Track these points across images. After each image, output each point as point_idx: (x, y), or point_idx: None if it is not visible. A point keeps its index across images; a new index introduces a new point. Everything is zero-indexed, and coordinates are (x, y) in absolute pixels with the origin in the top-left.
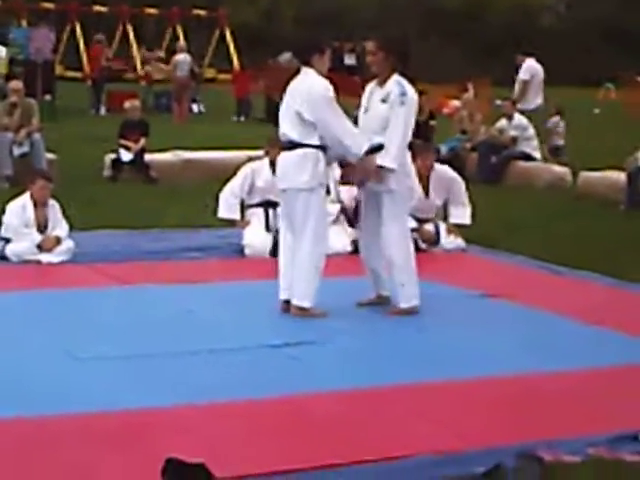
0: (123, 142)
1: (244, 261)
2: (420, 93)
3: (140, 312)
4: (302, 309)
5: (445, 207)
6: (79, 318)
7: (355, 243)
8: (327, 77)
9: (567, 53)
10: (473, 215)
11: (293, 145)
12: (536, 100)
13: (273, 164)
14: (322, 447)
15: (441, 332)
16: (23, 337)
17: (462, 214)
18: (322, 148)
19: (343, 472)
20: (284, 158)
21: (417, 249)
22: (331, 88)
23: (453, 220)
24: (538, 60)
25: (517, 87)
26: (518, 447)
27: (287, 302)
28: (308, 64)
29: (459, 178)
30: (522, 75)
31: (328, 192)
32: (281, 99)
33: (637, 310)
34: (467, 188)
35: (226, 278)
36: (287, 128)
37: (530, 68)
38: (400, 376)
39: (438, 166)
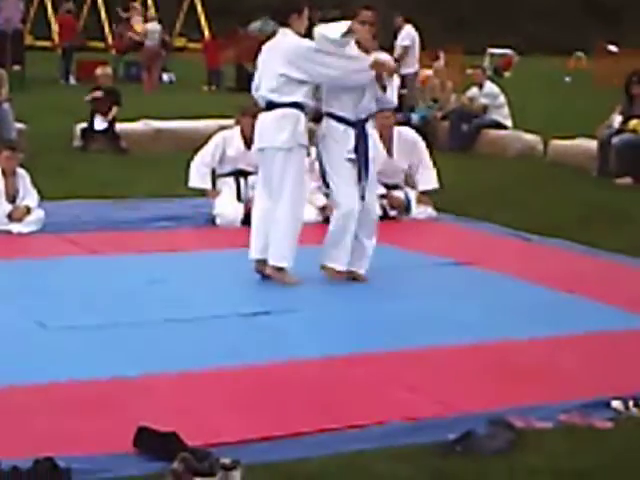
0: (93, 94)
1: (215, 231)
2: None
3: (110, 282)
4: (279, 269)
5: (410, 175)
6: (49, 288)
7: (324, 211)
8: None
9: (539, 22)
10: (444, 183)
11: (272, 105)
12: (415, 65)
13: (244, 133)
14: (294, 415)
15: (412, 300)
16: None
17: (429, 179)
18: (302, 108)
19: (315, 439)
20: (263, 118)
21: (386, 216)
22: (313, 43)
23: (422, 187)
24: (415, 26)
25: (398, 52)
26: (490, 414)
27: (260, 262)
28: (286, 25)
29: (421, 140)
30: (403, 41)
31: (308, 154)
32: (254, 66)
33: (608, 277)
34: (433, 154)
35: (197, 248)
36: (266, 90)
37: (410, 34)
38: (372, 344)
39: (400, 128)
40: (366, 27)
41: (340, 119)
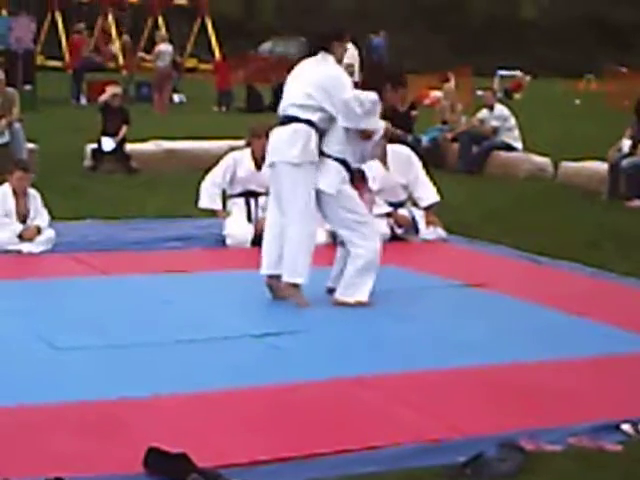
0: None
1: (225, 251)
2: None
3: (120, 302)
4: (294, 285)
5: (409, 193)
6: (59, 308)
7: (331, 233)
8: None
9: (549, 45)
10: (453, 205)
11: (287, 120)
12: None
13: (255, 154)
14: (304, 436)
15: (422, 322)
16: (3, 327)
17: (429, 194)
18: (315, 126)
19: (325, 461)
20: (276, 133)
21: (394, 236)
22: (351, 90)
23: (424, 203)
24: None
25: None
26: (500, 437)
27: (271, 277)
28: (327, 50)
29: (414, 155)
30: (348, 59)
31: None
32: (281, 87)
33: (618, 300)
34: (443, 176)
35: (207, 268)
36: (287, 104)
37: (352, 54)
38: (381, 366)
39: (393, 145)
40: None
41: (337, 160)
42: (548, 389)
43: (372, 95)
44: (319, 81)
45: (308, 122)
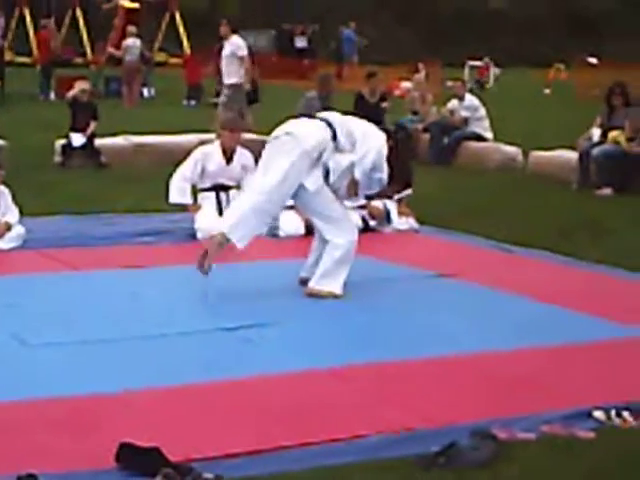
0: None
1: (196, 245)
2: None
3: (91, 297)
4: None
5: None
6: (30, 304)
7: (308, 226)
8: (278, 60)
9: (518, 35)
10: (425, 196)
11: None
12: (241, 76)
13: (224, 148)
14: (277, 429)
15: (395, 312)
16: None
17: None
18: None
19: (298, 453)
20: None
21: (366, 227)
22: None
23: (397, 196)
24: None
25: (227, 63)
26: (473, 426)
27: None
28: None
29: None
30: (241, 51)
31: None
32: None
33: (590, 288)
34: (414, 167)
35: (178, 262)
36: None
37: (238, 44)
38: (354, 357)
39: None
40: None
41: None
42: (520, 377)
43: (385, 176)
44: (365, 130)
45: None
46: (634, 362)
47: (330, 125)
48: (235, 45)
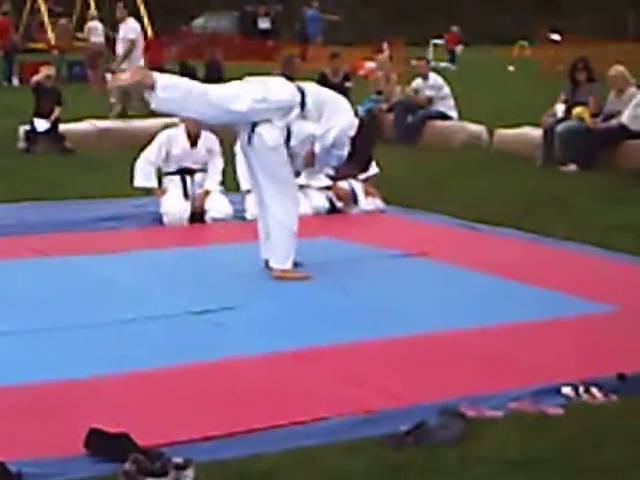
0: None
1: (163, 229)
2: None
3: (59, 284)
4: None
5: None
6: None
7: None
8: (241, 42)
9: (481, 12)
10: (391, 175)
11: None
12: (140, 59)
13: (189, 131)
14: (245, 411)
15: (363, 293)
16: None
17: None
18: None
19: (267, 435)
20: None
21: (333, 209)
22: None
23: (362, 175)
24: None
25: (123, 46)
26: (441, 404)
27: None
28: None
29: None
30: (131, 34)
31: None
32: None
33: (556, 264)
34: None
35: (145, 247)
36: None
37: (135, 27)
38: (321, 338)
39: None
40: None
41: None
42: (488, 355)
43: (346, 150)
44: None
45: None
46: (602, 338)
47: (302, 92)
48: (128, 28)
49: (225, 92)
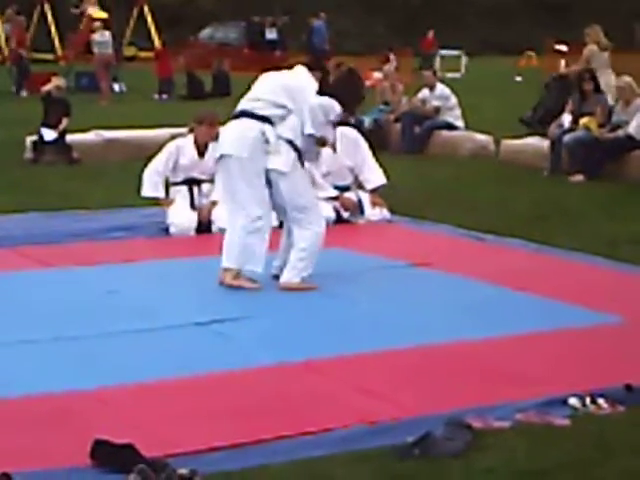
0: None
1: (169, 240)
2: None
3: (65, 294)
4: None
5: (356, 176)
6: (3, 302)
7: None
8: (248, 53)
9: (489, 23)
10: (397, 185)
11: (242, 115)
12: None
13: (198, 142)
14: (252, 422)
15: (369, 303)
16: None
17: (376, 176)
18: (269, 120)
19: (273, 446)
20: (229, 127)
21: (340, 219)
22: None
23: (370, 185)
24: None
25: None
26: (447, 415)
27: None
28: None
29: (362, 137)
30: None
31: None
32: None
33: (562, 275)
34: (386, 157)
35: (152, 257)
36: (246, 101)
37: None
38: (328, 349)
39: (341, 127)
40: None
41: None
42: (494, 365)
43: (337, 107)
44: (287, 83)
45: (263, 118)
46: (608, 349)
47: (253, 115)
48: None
49: (244, 202)
